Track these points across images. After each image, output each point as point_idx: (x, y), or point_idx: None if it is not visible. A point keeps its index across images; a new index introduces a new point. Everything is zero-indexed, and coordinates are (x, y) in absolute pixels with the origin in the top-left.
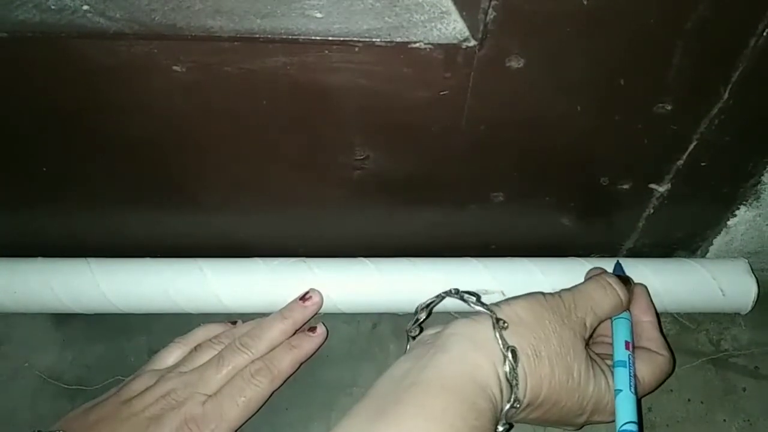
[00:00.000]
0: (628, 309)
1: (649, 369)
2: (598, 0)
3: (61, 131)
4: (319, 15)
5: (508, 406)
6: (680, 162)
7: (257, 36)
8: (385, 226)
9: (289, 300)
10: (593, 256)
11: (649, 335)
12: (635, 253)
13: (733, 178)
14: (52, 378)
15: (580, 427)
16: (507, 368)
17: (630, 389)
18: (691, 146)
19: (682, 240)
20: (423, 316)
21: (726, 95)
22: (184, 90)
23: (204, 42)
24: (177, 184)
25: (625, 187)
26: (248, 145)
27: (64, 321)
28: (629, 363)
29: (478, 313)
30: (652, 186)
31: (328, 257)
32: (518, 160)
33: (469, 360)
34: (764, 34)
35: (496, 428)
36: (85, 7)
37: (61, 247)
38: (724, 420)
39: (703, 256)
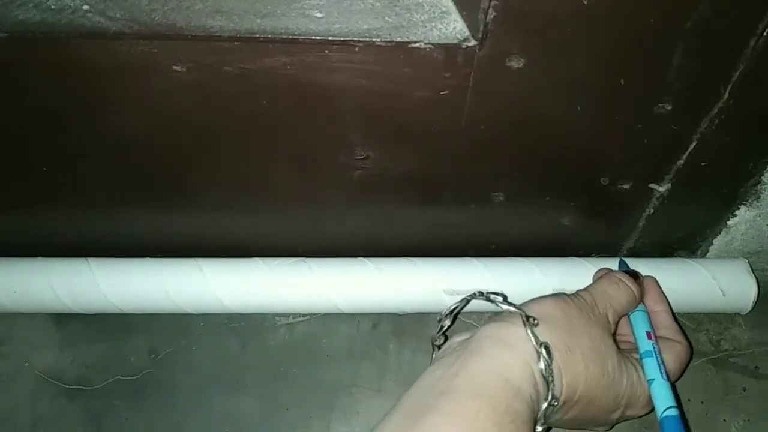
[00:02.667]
0: (641, 302)
1: (670, 357)
2: (598, 0)
3: (61, 131)
4: (319, 15)
5: (545, 404)
6: (680, 162)
7: (257, 36)
8: (385, 226)
9: (290, 300)
10: (593, 256)
11: (664, 324)
12: (635, 253)
13: (733, 178)
14: (52, 378)
15: (612, 426)
16: (542, 365)
17: (662, 377)
18: (692, 146)
19: (682, 240)
20: (447, 323)
21: (726, 95)
22: (184, 90)
23: (204, 42)
24: (177, 184)
25: (626, 187)
26: (248, 145)
27: (64, 321)
28: (655, 352)
29: (505, 314)
30: (653, 186)
31: (328, 257)
32: (518, 160)
33: (502, 361)
34: (764, 34)
35: (534, 429)
36: (85, 7)
37: (61, 247)
38: (725, 420)
39: (704, 256)
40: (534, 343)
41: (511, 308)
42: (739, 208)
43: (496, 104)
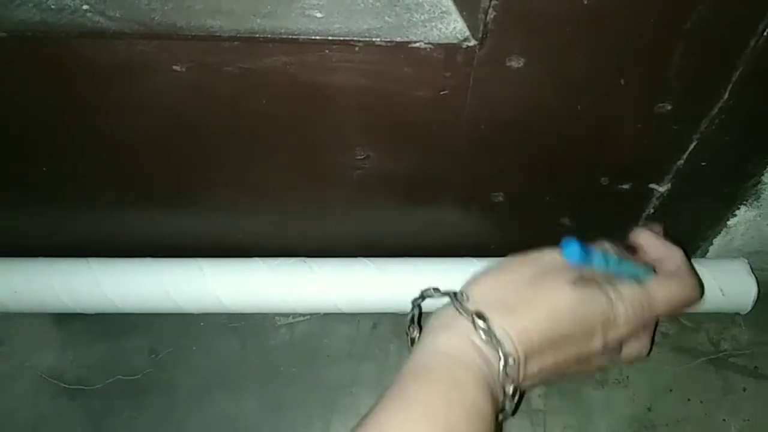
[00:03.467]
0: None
1: (672, 292)
2: (598, 0)
3: (61, 131)
4: (319, 15)
5: (501, 366)
6: (680, 162)
7: (257, 36)
8: (385, 226)
9: (290, 300)
10: None
11: (673, 263)
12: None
13: (733, 177)
14: (52, 377)
15: (606, 357)
16: (480, 332)
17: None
18: (692, 146)
19: (682, 240)
20: (416, 334)
21: (726, 95)
22: (184, 90)
23: (204, 42)
24: (177, 184)
25: (626, 187)
26: (248, 145)
27: (65, 321)
28: (595, 251)
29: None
30: (653, 186)
31: (328, 257)
32: (518, 160)
33: (440, 341)
34: (764, 34)
35: (505, 391)
36: (85, 7)
37: (62, 247)
38: (724, 420)
39: (703, 255)
40: (465, 315)
41: (441, 294)
42: (739, 208)
43: (496, 104)
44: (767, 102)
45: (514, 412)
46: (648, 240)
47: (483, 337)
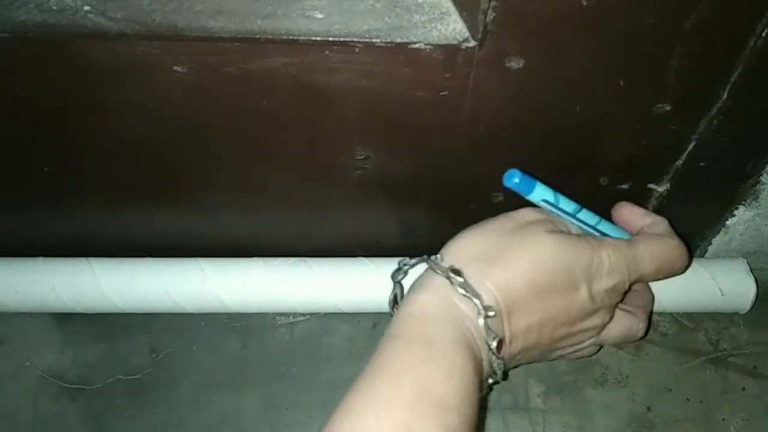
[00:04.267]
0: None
1: (658, 254)
2: (597, 1)
3: (63, 131)
4: (319, 16)
5: (482, 320)
6: (679, 162)
7: (258, 36)
8: (385, 226)
9: (290, 299)
10: None
11: (660, 228)
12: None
13: (731, 178)
14: (53, 377)
15: (597, 314)
16: (457, 288)
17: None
18: (690, 146)
19: (681, 240)
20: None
21: (725, 96)
22: (185, 90)
23: (205, 42)
24: (178, 184)
25: (625, 187)
26: (249, 145)
27: (66, 320)
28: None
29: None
30: (651, 186)
31: (328, 257)
32: (518, 160)
33: (414, 303)
34: (763, 34)
35: (490, 348)
36: (87, 8)
37: (63, 247)
38: (723, 419)
39: (702, 255)
40: (440, 272)
41: (418, 258)
42: (737, 208)
43: (495, 104)
44: (766, 102)
45: (504, 376)
46: (630, 210)
47: (460, 291)
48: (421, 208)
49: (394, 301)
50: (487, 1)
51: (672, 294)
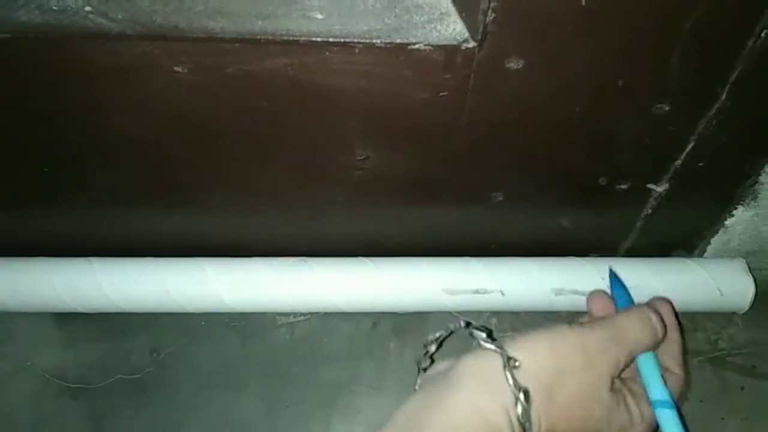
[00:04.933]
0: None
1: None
2: (596, 1)
3: (63, 131)
4: (319, 16)
5: None
6: (678, 162)
7: (258, 37)
8: (385, 226)
9: (290, 299)
10: (592, 256)
11: (673, 354)
12: (633, 253)
13: (730, 178)
14: (54, 377)
15: None
16: (519, 410)
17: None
18: (689, 146)
19: (680, 240)
20: (433, 348)
21: (724, 96)
22: (186, 91)
23: (205, 43)
24: (178, 184)
25: (624, 187)
26: (249, 146)
27: (67, 320)
28: (672, 403)
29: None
30: (651, 186)
31: (328, 257)
32: (518, 161)
33: (478, 402)
34: (762, 35)
35: None
36: (87, 8)
37: (64, 247)
38: (722, 418)
39: (701, 255)
40: (512, 387)
41: (492, 347)
42: (736, 208)
43: (495, 105)
44: (765, 102)
45: None
46: (669, 316)
47: (520, 417)
48: (421, 208)
49: (425, 354)
50: (486, 1)
51: (671, 294)
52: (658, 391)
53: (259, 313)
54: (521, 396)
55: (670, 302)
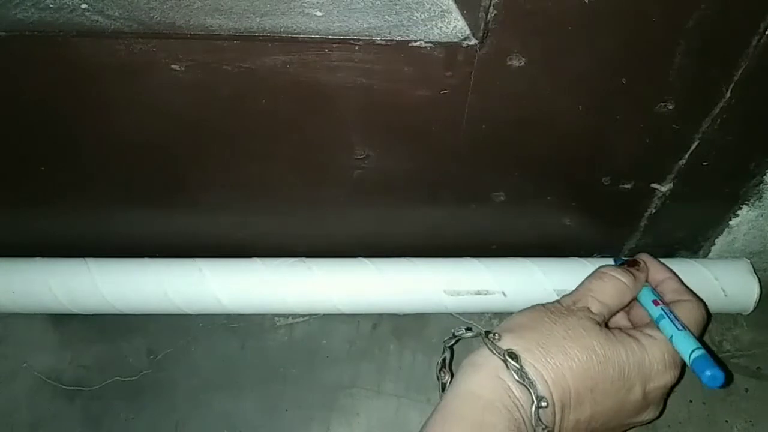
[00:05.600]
0: (645, 283)
1: (682, 317)
2: None
3: (60, 130)
4: (318, 13)
5: (534, 408)
6: (682, 161)
7: (256, 34)
8: (385, 226)
9: (289, 300)
10: (595, 256)
11: (672, 288)
12: (637, 253)
13: (735, 177)
14: (50, 378)
15: (654, 411)
16: (512, 371)
17: (679, 329)
18: (693, 146)
19: (684, 240)
20: (447, 378)
21: (728, 94)
22: (183, 89)
23: (203, 40)
24: (175, 184)
25: (627, 186)
26: (247, 145)
27: (63, 321)
28: (666, 312)
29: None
30: (654, 186)
31: (328, 257)
32: (519, 160)
33: (470, 381)
34: (766, 32)
35: None
36: (84, 6)
37: (60, 247)
38: (726, 421)
39: (705, 256)
40: (496, 353)
41: (472, 334)
42: (741, 208)
43: (497, 103)
44: None
45: None
46: (652, 265)
47: (515, 377)
48: (422, 208)
49: (442, 365)
50: None
51: None
52: (651, 312)
53: (258, 315)
54: (507, 358)
55: (648, 255)
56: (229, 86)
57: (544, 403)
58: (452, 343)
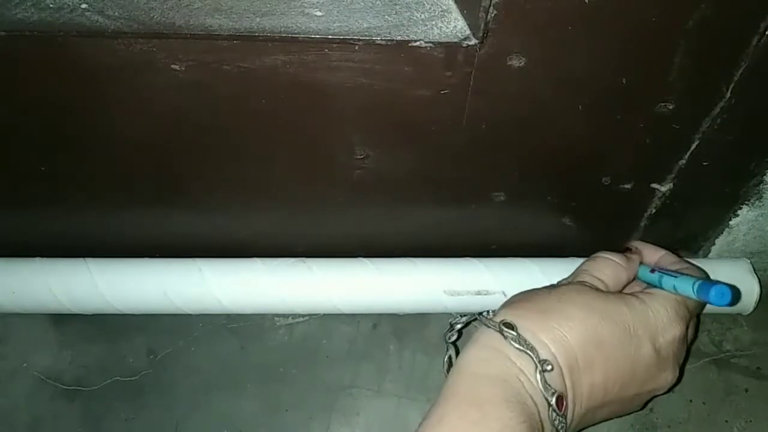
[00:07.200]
0: (640, 264)
1: None
2: None
3: (59, 130)
4: (318, 13)
5: (538, 375)
6: (682, 161)
7: (256, 34)
8: (385, 226)
9: (289, 300)
10: None
11: (669, 261)
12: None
13: (735, 177)
14: (50, 378)
15: (664, 372)
16: (510, 340)
17: (679, 275)
18: (693, 146)
19: (684, 240)
20: (455, 336)
21: (728, 94)
22: (183, 89)
23: (203, 40)
24: (176, 184)
25: (627, 186)
26: (247, 145)
27: (63, 321)
28: (664, 272)
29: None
30: (654, 186)
31: (327, 257)
32: (519, 160)
33: (466, 358)
34: (766, 32)
35: (549, 402)
36: (84, 6)
37: (60, 247)
38: (726, 421)
39: (705, 256)
40: (491, 326)
41: (468, 316)
42: (741, 208)
43: (497, 103)
44: None
45: None
46: (645, 248)
47: (514, 345)
48: (422, 208)
49: (449, 363)
50: None
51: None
52: (650, 279)
53: (258, 315)
54: (501, 327)
55: (640, 241)
56: (229, 86)
57: (548, 367)
58: (454, 338)
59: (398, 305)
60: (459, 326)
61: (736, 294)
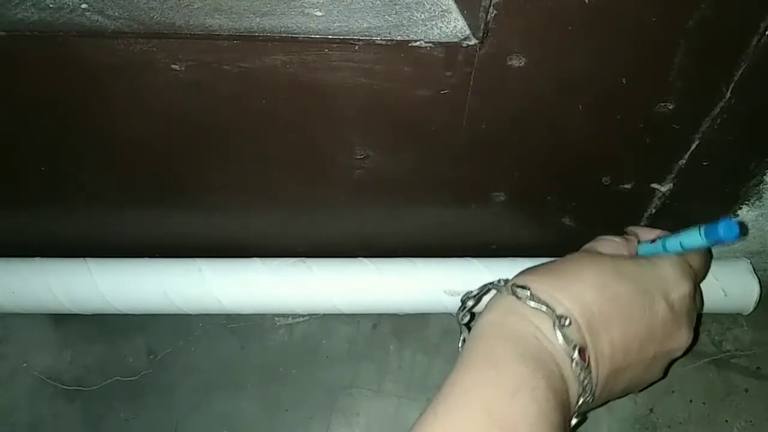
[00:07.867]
0: (639, 243)
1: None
2: None
3: (60, 130)
4: (318, 13)
5: (557, 329)
6: (682, 161)
7: (256, 34)
8: (385, 226)
9: (289, 300)
10: None
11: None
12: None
13: (735, 177)
14: (50, 378)
15: (680, 330)
16: (525, 300)
17: (683, 232)
18: (693, 146)
19: None
20: (471, 303)
21: (728, 94)
22: (183, 89)
23: (203, 41)
24: (175, 184)
25: (627, 186)
26: (247, 145)
27: (63, 321)
28: (666, 237)
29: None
30: (654, 186)
31: (327, 257)
32: (519, 160)
33: (481, 324)
34: (766, 32)
35: (571, 357)
36: (84, 6)
37: (60, 247)
38: (726, 421)
39: None
40: (509, 291)
41: (479, 288)
42: (741, 208)
43: (497, 103)
44: None
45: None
46: (640, 230)
47: (530, 304)
48: (422, 208)
49: (464, 342)
50: None
51: None
52: (652, 249)
53: (258, 315)
54: (517, 290)
55: (634, 227)
56: (229, 86)
57: (566, 322)
58: (464, 316)
59: (398, 305)
60: (471, 303)
61: (742, 227)
